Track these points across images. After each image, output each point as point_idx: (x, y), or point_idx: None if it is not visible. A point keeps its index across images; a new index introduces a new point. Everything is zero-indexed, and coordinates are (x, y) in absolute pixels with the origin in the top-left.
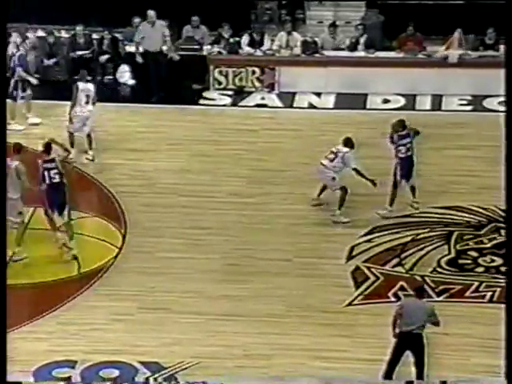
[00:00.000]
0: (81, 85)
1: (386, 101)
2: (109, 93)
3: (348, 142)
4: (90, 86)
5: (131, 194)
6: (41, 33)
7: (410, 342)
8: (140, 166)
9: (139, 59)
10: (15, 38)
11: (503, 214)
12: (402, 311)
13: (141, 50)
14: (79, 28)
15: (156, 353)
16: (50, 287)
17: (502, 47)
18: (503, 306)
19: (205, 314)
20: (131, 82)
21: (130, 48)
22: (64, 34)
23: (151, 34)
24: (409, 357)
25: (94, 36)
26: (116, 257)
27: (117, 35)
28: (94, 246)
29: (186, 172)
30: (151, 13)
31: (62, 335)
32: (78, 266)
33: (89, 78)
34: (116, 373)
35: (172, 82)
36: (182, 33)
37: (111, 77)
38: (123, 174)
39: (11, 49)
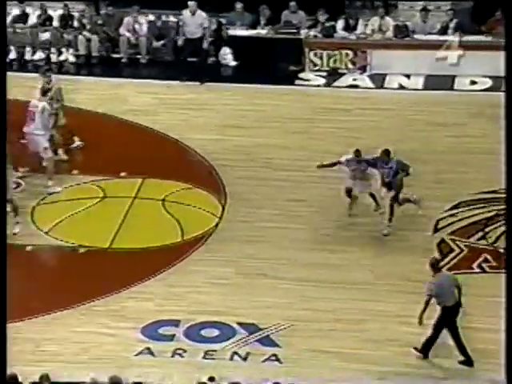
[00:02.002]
0: None
1: (473, 82)
2: (212, 73)
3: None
4: None
5: (231, 168)
6: (151, 17)
7: (449, 317)
8: (240, 142)
9: (180, 42)
10: (128, 20)
11: None
12: (435, 290)
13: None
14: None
15: (252, 315)
16: (157, 252)
17: None
18: None
19: (298, 280)
20: (233, 63)
21: (233, 31)
22: (172, 19)
23: (191, 23)
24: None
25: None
26: (216, 225)
27: (221, 19)
28: (196, 215)
29: (283, 148)
30: (192, 3)
31: (167, 296)
32: (181, 233)
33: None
34: (216, 332)
35: (270, 63)
36: (281, 17)
37: (214, 58)
38: (224, 148)
39: (123, 31)
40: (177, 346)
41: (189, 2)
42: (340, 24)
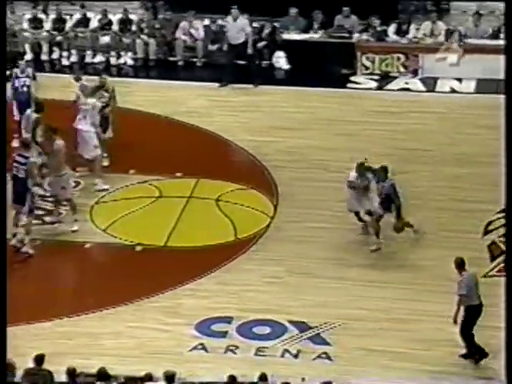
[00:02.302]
0: None
1: None
2: (265, 76)
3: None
4: None
5: (283, 169)
6: (207, 21)
7: (476, 315)
8: (292, 143)
9: (225, 48)
10: (184, 25)
11: None
12: (464, 289)
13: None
14: (244, 17)
15: (303, 313)
16: (211, 250)
17: None
18: None
19: (348, 279)
20: (286, 66)
21: (287, 36)
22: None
23: (233, 28)
24: None
25: (255, 24)
26: (268, 225)
27: (275, 24)
28: (249, 214)
29: (334, 150)
30: (234, 10)
31: (220, 294)
32: (234, 232)
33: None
34: (268, 330)
35: (322, 66)
36: (334, 22)
37: (267, 62)
38: (277, 150)
39: (179, 34)
40: (229, 342)
41: (232, 10)
42: (392, 28)
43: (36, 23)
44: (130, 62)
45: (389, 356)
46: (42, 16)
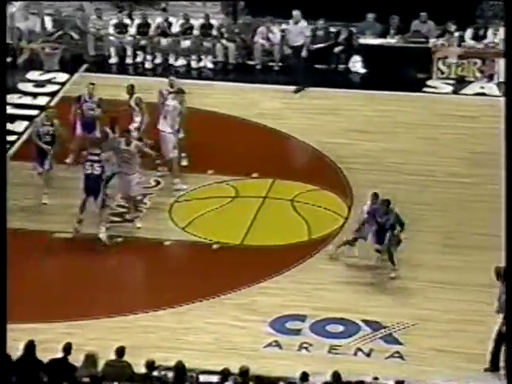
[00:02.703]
0: None
1: None
2: (341, 80)
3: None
4: None
5: (358, 171)
6: (284, 26)
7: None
8: (367, 146)
9: (287, 50)
10: (262, 29)
11: None
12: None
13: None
14: (321, 22)
15: (376, 313)
16: (286, 249)
17: None
18: None
19: (422, 280)
20: (362, 70)
21: (363, 40)
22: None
23: (293, 31)
24: None
25: (332, 29)
26: (342, 226)
27: (351, 29)
28: (323, 215)
29: (410, 153)
30: (296, 12)
31: (294, 292)
32: (309, 232)
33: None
34: (341, 328)
35: (398, 71)
36: (411, 27)
37: (344, 66)
38: (352, 152)
39: (257, 39)
40: (303, 340)
41: (293, 12)
42: (468, 33)
43: (121, 28)
44: (210, 65)
45: (461, 357)
46: (127, 21)
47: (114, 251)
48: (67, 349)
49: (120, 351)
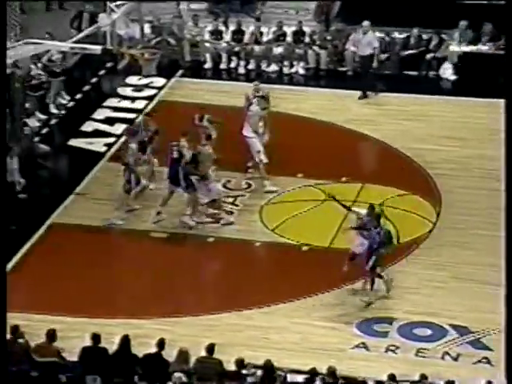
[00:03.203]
0: None
1: None
2: (432, 87)
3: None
4: None
5: (447, 177)
6: (378, 33)
7: None
8: (456, 152)
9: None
10: (354, 36)
11: None
12: None
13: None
14: (415, 30)
15: (464, 318)
16: None
17: None
18: None
19: None
20: (453, 77)
21: (454, 48)
22: (397, 35)
23: (361, 41)
24: None
25: (424, 36)
26: (430, 231)
27: (442, 35)
28: (411, 220)
29: (499, 159)
30: (365, 23)
31: (381, 295)
32: (397, 236)
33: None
34: (428, 332)
35: (489, 78)
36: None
37: (435, 72)
38: (441, 158)
39: (349, 46)
40: (390, 342)
41: (363, 23)
42: None
43: (217, 35)
44: (302, 71)
45: None
46: (222, 28)
47: (205, 251)
48: (161, 344)
49: (210, 348)
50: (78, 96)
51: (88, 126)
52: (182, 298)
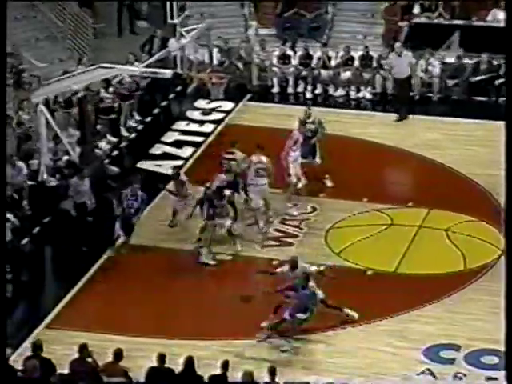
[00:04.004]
0: None
1: None
2: (501, 113)
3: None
4: None
5: None
6: (448, 59)
7: None
8: None
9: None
10: (422, 62)
11: None
12: None
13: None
14: (485, 56)
15: None
16: (439, 278)
17: None
18: None
19: None
20: None
21: None
22: (467, 60)
23: (398, 63)
24: None
25: (494, 62)
26: (499, 258)
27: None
28: (479, 246)
29: None
30: (398, 44)
31: (447, 321)
32: (464, 262)
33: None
34: (496, 360)
35: None
36: None
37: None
38: None
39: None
40: (457, 369)
41: (395, 44)
42: None
43: (284, 59)
44: (369, 96)
45: None
46: (290, 53)
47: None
48: (225, 366)
49: (272, 371)
50: (148, 119)
51: (157, 149)
52: (247, 320)
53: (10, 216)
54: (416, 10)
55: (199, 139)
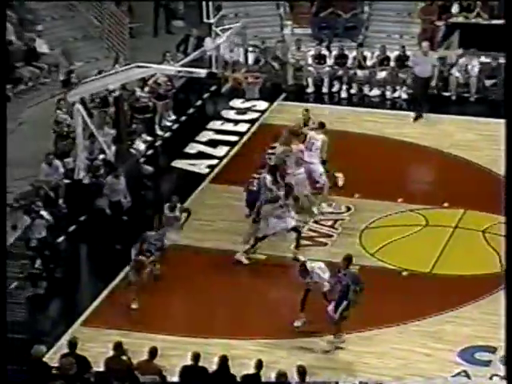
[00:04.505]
0: None
1: None
2: None
3: None
4: None
5: None
6: (484, 58)
7: None
8: None
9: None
10: (462, 62)
11: None
12: None
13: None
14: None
15: None
16: (475, 280)
17: None
18: None
19: None
20: None
21: None
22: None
23: (422, 62)
24: None
25: None
26: None
27: None
28: None
29: None
30: (424, 44)
31: (483, 323)
32: (500, 264)
33: None
34: None
35: None
36: None
37: None
38: None
39: (454, 71)
40: (493, 371)
41: (423, 43)
42: None
43: (319, 59)
44: (405, 96)
45: None
46: (325, 52)
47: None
48: (259, 365)
49: (302, 371)
50: (183, 118)
51: (191, 148)
52: (281, 320)
53: (45, 213)
54: (454, 9)
55: (234, 138)
